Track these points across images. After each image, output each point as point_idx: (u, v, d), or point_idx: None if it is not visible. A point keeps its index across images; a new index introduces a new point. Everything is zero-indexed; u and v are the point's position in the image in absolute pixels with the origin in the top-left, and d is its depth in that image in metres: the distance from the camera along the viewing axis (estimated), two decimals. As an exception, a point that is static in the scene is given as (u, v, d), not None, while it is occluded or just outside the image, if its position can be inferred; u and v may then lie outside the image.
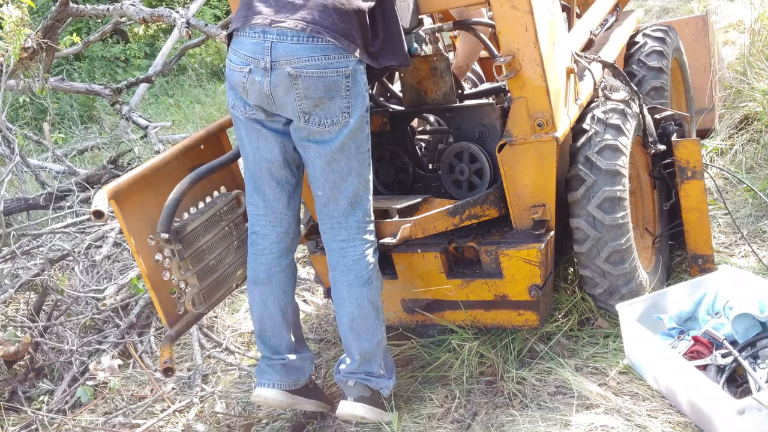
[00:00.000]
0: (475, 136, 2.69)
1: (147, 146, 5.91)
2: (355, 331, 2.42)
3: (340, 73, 2.19)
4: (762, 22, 4.67)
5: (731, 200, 3.63)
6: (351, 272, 2.38)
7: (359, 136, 2.29)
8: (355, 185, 2.32)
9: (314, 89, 2.18)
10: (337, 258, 2.41)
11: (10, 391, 3.28)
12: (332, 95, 2.20)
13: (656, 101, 3.36)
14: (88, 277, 3.81)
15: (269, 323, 2.51)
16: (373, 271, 2.41)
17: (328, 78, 2.19)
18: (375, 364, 2.45)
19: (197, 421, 2.85)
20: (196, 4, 8.03)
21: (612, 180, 2.55)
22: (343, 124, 2.24)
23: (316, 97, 2.19)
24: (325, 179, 2.31)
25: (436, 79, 2.72)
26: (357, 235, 2.38)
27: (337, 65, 2.18)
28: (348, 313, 2.41)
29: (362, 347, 2.43)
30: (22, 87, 5.19)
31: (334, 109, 2.22)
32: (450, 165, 2.73)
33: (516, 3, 2.28)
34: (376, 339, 2.43)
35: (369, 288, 2.40)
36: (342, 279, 2.40)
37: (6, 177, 4.39)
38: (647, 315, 2.59)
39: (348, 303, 2.40)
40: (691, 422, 2.25)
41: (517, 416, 2.41)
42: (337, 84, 2.20)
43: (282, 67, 2.17)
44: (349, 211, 2.35)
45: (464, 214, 2.56)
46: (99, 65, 10.59)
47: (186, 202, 2.35)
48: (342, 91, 2.21)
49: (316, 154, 2.28)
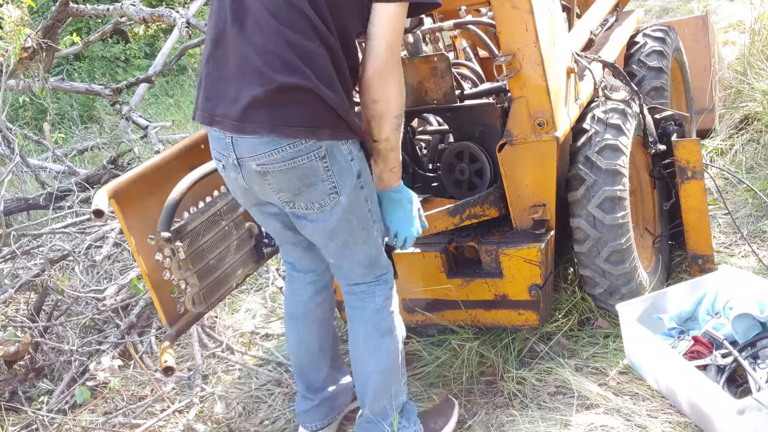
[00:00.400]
0: (475, 135, 2.67)
1: (147, 146, 5.91)
2: (370, 384, 2.24)
3: (312, 157, 1.93)
4: (762, 22, 4.68)
5: (731, 200, 3.63)
6: (370, 322, 2.22)
7: (357, 206, 2.05)
8: (365, 252, 2.14)
9: (287, 182, 1.97)
10: (355, 310, 2.25)
11: (10, 391, 3.27)
12: (311, 182, 1.97)
13: (656, 101, 3.36)
14: (88, 277, 3.81)
15: (307, 359, 2.44)
16: (392, 321, 2.23)
17: (301, 167, 1.94)
18: (388, 420, 2.26)
19: (197, 421, 2.85)
20: (196, 4, 8.02)
21: (612, 180, 2.55)
22: (333, 205, 2.01)
23: (293, 188, 1.98)
24: (332, 252, 2.16)
25: (436, 78, 2.71)
26: (376, 287, 2.21)
27: (306, 150, 1.92)
28: (364, 365, 2.25)
29: (375, 403, 2.25)
30: (22, 87, 5.18)
31: (317, 194, 1.99)
32: (450, 165, 2.72)
33: (516, 2, 2.28)
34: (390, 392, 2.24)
35: (390, 339, 2.22)
36: (359, 329, 2.24)
37: (6, 177, 4.39)
38: (647, 315, 2.59)
39: (365, 355, 2.24)
40: (691, 422, 2.25)
41: (517, 416, 2.41)
42: (312, 169, 1.95)
43: (248, 164, 1.97)
44: (367, 272, 2.19)
45: (464, 213, 2.56)
46: (99, 65, 10.59)
47: (186, 201, 2.34)
48: (321, 174, 1.96)
49: (315, 233, 2.12)
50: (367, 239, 2.12)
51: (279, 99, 1.89)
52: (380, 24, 1.94)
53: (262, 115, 1.91)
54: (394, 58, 1.98)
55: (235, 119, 1.94)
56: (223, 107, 1.96)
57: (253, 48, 1.90)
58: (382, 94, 1.98)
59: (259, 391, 3.00)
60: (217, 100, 1.98)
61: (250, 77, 1.90)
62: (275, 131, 1.90)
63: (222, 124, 1.97)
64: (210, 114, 2.00)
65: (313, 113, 1.91)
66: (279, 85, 1.88)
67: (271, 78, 1.88)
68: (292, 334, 2.46)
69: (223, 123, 1.97)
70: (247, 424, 2.81)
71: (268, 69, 1.88)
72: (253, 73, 1.90)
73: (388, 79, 1.97)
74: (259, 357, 3.26)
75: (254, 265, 2.65)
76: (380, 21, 1.94)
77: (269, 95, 1.89)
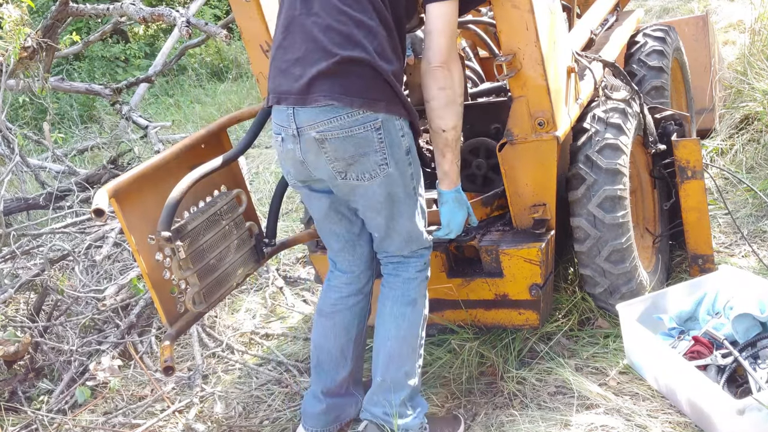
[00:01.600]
0: (489, 132, 2.72)
1: (147, 146, 5.91)
2: (386, 351, 2.33)
3: (368, 127, 2.07)
4: (762, 22, 4.68)
5: (731, 200, 3.63)
6: (398, 288, 2.34)
7: (404, 180, 2.19)
8: (407, 226, 2.26)
9: (343, 150, 2.09)
10: (388, 275, 2.37)
11: (10, 391, 3.27)
12: (365, 151, 2.10)
13: (656, 101, 3.36)
14: (88, 277, 3.81)
15: (326, 357, 2.48)
16: (419, 294, 2.34)
17: (357, 136, 2.08)
18: (397, 396, 2.30)
19: (197, 421, 2.85)
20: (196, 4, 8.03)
21: (612, 179, 2.55)
22: (384, 176, 2.14)
23: (347, 157, 2.10)
24: (377, 225, 2.27)
25: None
26: (412, 258, 2.34)
27: (363, 120, 2.06)
28: (385, 331, 2.34)
29: (387, 372, 2.32)
30: (22, 87, 5.19)
31: (370, 164, 2.12)
32: (465, 160, 2.73)
33: (517, 2, 2.28)
34: (404, 369, 2.31)
35: (412, 309, 2.32)
36: (388, 295, 2.35)
37: (6, 177, 4.39)
38: (647, 315, 2.59)
39: (388, 320, 2.33)
40: (691, 422, 2.25)
41: (517, 416, 2.41)
42: (367, 139, 2.09)
43: (307, 132, 2.10)
44: (404, 246, 2.31)
45: (494, 204, 2.62)
46: (99, 65, 10.59)
47: (186, 201, 2.34)
48: (375, 145, 2.10)
49: (363, 206, 2.23)
50: (411, 215, 2.24)
51: (340, 70, 2.05)
52: (437, 21, 2.12)
53: (324, 86, 2.05)
54: (455, 50, 2.16)
55: (297, 93, 2.09)
56: (288, 84, 2.11)
57: (319, 29, 2.08)
58: (449, 82, 2.14)
59: (259, 390, 3.00)
60: (283, 80, 2.13)
61: (316, 55, 2.07)
62: (335, 99, 2.04)
63: (286, 100, 2.12)
64: (276, 93, 2.15)
65: (371, 86, 2.07)
66: (341, 57, 2.04)
67: (334, 52, 2.05)
68: (317, 329, 2.49)
69: (287, 99, 2.12)
70: (247, 423, 2.81)
71: (331, 45, 2.05)
72: (318, 51, 2.07)
73: (452, 69, 2.14)
74: (259, 357, 3.26)
75: (254, 265, 2.65)
76: (436, 18, 2.12)
77: (331, 67, 2.05)
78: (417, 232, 2.29)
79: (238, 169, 2.71)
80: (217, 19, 11.16)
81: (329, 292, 2.48)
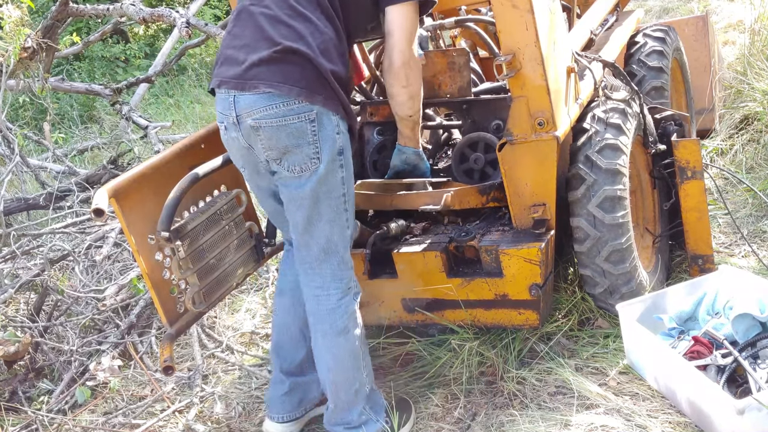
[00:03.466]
0: (490, 128, 2.74)
1: (147, 146, 5.90)
2: (330, 381, 2.34)
3: (303, 118, 2.09)
4: (762, 22, 4.68)
5: (731, 200, 3.63)
6: (325, 321, 2.29)
7: (330, 180, 2.17)
8: (327, 232, 2.22)
9: (277, 139, 2.11)
10: (312, 305, 2.32)
11: (10, 391, 3.27)
12: (298, 143, 2.11)
13: (656, 101, 3.36)
14: (88, 277, 3.80)
15: (286, 337, 2.49)
16: (349, 320, 2.30)
17: (290, 125, 2.09)
18: (354, 413, 2.36)
19: (197, 421, 2.85)
20: (196, 4, 8.02)
21: (612, 179, 2.55)
22: (312, 170, 2.14)
23: (281, 147, 2.12)
24: (296, 223, 2.24)
25: (453, 73, 2.76)
26: (332, 283, 2.27)
27: (298, 110, 2.08)
28: (323, 363, 2.33)
29: (337, 398, 2.35)
30: (22, 87, 5.18)
31: (301, 156, 2.12)
32: (462, 154, 2.76)
33: (516, 2, 2.28)
34: (353, 388, 2.33)
35: (345, 338, 2.29)
36: (317, 327, 2.32)
37: (6, 177, 4.39)
38: (647, 315, 2.59)
39: (324, 352, 2.32)
40: (691, 422, 2.25)
41: (517, 416, 2.41)
42: (301, 130, 2.10)
43: (245, 120, 2.13)
44: (323, 258, 2.25)
45: (490, 195, 2.62)
46: (99, 65, 10.58)
47: (186, 200, 2.34)
48: (308, 137, 2.11)
49: (287, 198, 2.23)
50: (332, 221, 2.22)
51: (280, 59, 2.09)
52: (396, 23, 2.22)
53: (263, 72, 2.09)
54: (415, 50, 2.27)
55: (237, 77, 2.12)
56: (231, 70, 2.14)
57: (266, 19, 2.14)
58: (411, 79, 2.29)
59: (259, 390, 3.00)
60: (228, 65, 2.17)
61: (260, 43, 2.12)
62: (272, 87, 2.08)
63: (227, 84, 2.15)
64: (218, 77, 2.18)
65: (309, 78, 2.10)
66: (283, 47, 2.08)
67: (277, 41, 2.09)
68: (278, 309, 2.52)
69: (228, 83, 2.14)
70: (247, 424, 2.81)
71: (276, 35, 2.10)
72: (264, 40, 2.12)
73: (413, 67, 2.27)
74: (258, 357, 3.26)
75: (254, 265, 2.65)
76: (396, 20, 2.21)
77: (272, 55, 2.09)
78: (336, 243, 2.24)
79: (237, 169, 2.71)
80: (217, 19, 11.15)
81: (287, 273, 2.51)
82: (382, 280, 2.73)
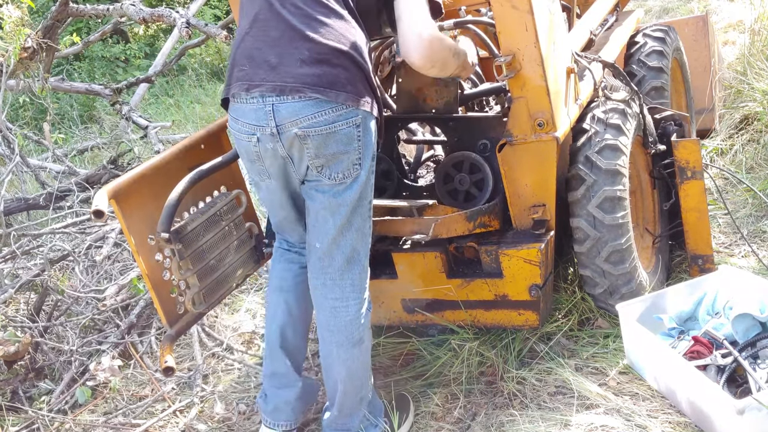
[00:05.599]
0: (477, 148, 2.63)
1: (147, 146, 5.90)
2: (340, 390, 2.29)
3: (350, 123, 2.00)
4: (762, 22, 4.68)
5: (731, 200, 3.63)
6: (342, 333, 2.21)
7: (366, 188, 2.12)
8: (353, 241, 2.15)
9: (325, 146, 2.00)
10: (327, 317, 2.22)
11: (11, 391, 3.28)
12: (345, 149, 2.02)
13: (656, 101, 3.36)
14: (88, 277, 3.81)
15: (291, 333, 2.39)
16: (364, 331, 2.24)
17: (340, 132, 1.99)
18: (356, 419, 2.33)
19: (197, 421, 2.85)
20: (196, 4, 8.02)
21: (612, 180, 2.55)
22: (354, 177, 2.07)
23: (329, 154, 2.02)
24: (325, 232, 2.14)
25: (439, 87, 2.66)
26: (351, 294, 2.19)
27: (346, 116, 1.98)
28: (336, 373, 2.27)
29: (343, 405, 2.31)
30: (22, 87, 5.18)
31: (346, 163, 2.04)
32: (447, 174, 2.68)
33: (516, 2, 2.28)
34: (359, 396, 2.31)
35: (360, 349, 2.24)
36: (331, 339, 2.23)
37: (6, 177, 4.39)
38: (647, 315, 2.59)
39: (337, 363, 2.25)
40: (691, 422, 2.25)
41: (517, 416, 2.41)
42: (349, 136, 2.01)
43: (288, 129, 1.98)
44: (345, 268, 2.17)
45: (477, 221, 2.53)
46: (99, 65, 10.59)
47: (186, 201, 2.35)
48: (354, 143, 2.03)
49: (322, 205, 2.12)
50: (360, 227, 2.16)
51: (324, 60, 1.94)
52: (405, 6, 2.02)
53: (308, 76, 1.93)
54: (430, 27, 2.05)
55: (276, 80, 1.95)
56: (263, 72, 1.97)
57: (299, 17, 1.96)
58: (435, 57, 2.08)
59: (259, 390, 3.00)
60: (256, 67, 1.98)
61: (295, 41, 1.95)
62: (319, 92, 1.93)
63: (260, 87, 1.96)
64: (246, 81, 1.99)
65: (356, 80, 1.99)
66: (327, 47, 1.94)
67: (318, 41, 1.94)
68: (280, 307, 2.40)
69: (261, 86, 1.96)
70: (247, 423, 2.81)
71: (315, 34, 1.95)
72: (298, 37, 1.95)
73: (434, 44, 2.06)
74: (259, 356, 3.26)
75: (254, 266, 2.65)
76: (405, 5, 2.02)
77: (314, 56, 1.93)
78: (359, 252, 2.18)
79: (237, 169, 2.71)
80: (217, 19, 11.16)
81: (288, 265, 2.40)
82: (382, 281, 2.73)
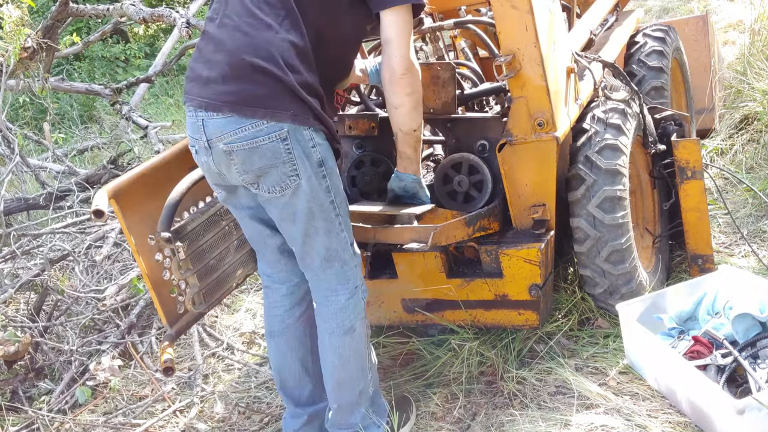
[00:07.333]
0: (476, 149, 2.63)
1: (147, 146, 5.90)
2: (335, 380, 2.29)
3: (273, 138, 1.99)
4: (762, 22, 4.68)
5: (731, 200, 3.63)
6: (333, 320, 2.24)
7: (317, 193, 2.09)
8: (325, 242, 2.16)
9: (250, 162, 2.02)
10: (321, 307, 2.28)
11: (11, 391, 3.28)
12: (273, 163, 2.01)
13: (656, 101, 3.36)
14: (88, 277, 3.81)
15: (289, 375, 2.43)
16: (356, 319, 2.26)
17: (262, 147, 2.00)
18: (357, 415, 2.32)
19: (197, 421, 2.85)
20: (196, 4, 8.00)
21: (612, 179, 2.55)
22: (293, 188, 2.06)
23: (255, 169, 2.03)
24: (293, 238, 2.18)
25: (437, 88, 2.64)
26: (338, 285, 2.23)
27: (268, 131, 1.98)
28: (329, 363, 2.28)
29: (341, 398, 2.31)
30: (22, 87, 5.18)
31: (279, 176, 2.04)
32: (446, 176, 2.67)
33: (516, 2, 2.28)
34: (357, 389, 2.30)
35: (351, 336, 2.25)
36: (324, 327, 2.27)
37: (6, 177, 4.39)
38: (647, 315, 2.59)
39: (329, 352, 2.27)
40: (691, 422, 2.25)
41: (517, 416, 2.41)
42: (273, 150, 2.00)
43: (216, 145, 2.03)
44: (325, 266, 2.20)
45: (476, 225, 2.52)
46: (99, 65, 10.59)
47: (186, 201, 2.34)
48: (282, 156, 2.01)
49: (278, 215, 2.15)
50: (328, 231, 2.16)
51: (241, 76, 1.98)
52: (393, 28, 2.10)
53: (225, 93, 1.99)
54: (413, 55, 2.15)
55: (202, 96, 2.03)
56: (197, 87, 2.06)
57: (227, 31, 2.03)
58: (415, 86, 2.18)
59: (259, 390, 3.00)
60: (192, 81, 2.08)
61: (221, 57, 2.01)
62: (236, 111, 1.99)
63: (192, 102, 2.06)
64: (187, 93, 2.09)
65: (274, 94, 1.98)
66: (243, 62, 1.97)
67: (238, 56, 1.98)
68: (273, 352, 2.44)
69: (193, 101, 2.06)
70: (247, 423, 2.81)
71: (235, 48, 1.99)
72: (224, 53, 2.01)
73: (414, 73, 2.16)
74: (259, 356, 3.26)
75: (254, 266, 2.65)
76: (392, 26, 2.10)
77: (232, 72, 1.98)
78: (336, 250, 2.19)
79: (238, 169, 2.71)
80: (217, 19, 11.14)
81: (273, 310, 2.42)
82: (382, 281, 2.73)
